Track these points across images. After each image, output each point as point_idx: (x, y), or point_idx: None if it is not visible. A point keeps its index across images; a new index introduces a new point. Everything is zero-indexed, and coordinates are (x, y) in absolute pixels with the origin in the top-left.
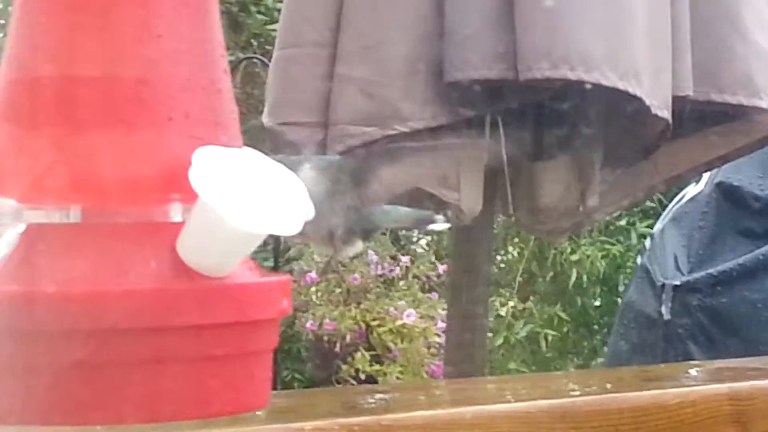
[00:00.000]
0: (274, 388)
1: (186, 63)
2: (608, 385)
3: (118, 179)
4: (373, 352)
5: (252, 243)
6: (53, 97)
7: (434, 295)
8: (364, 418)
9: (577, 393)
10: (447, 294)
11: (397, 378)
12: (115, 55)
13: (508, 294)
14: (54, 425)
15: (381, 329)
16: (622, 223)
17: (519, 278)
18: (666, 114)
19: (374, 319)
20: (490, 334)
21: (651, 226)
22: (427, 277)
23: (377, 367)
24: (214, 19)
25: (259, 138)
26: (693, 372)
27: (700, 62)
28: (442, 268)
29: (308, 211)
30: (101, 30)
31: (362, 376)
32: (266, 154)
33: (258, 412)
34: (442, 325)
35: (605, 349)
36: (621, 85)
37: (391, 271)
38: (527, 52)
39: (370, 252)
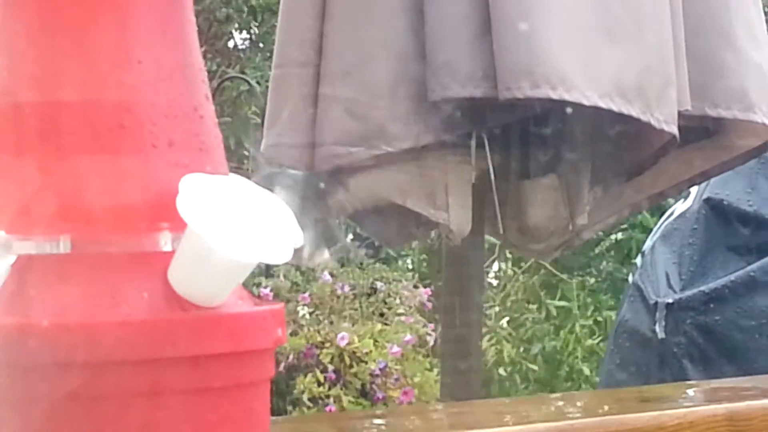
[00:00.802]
0: None
1: (167, 89)
2: (606, 407)
3: (106, 208)
4: (323, 374)
5: (243, 272)
6: (36, 124)
7: (409, 319)
8: None
9: (577, 415)
10: (440, 316)
11: (350, 402)
12: (95, 82)
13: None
14: None
15: (324, 351)
16: None
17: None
18: (673, 129)
19: (322, 342)
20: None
21: None
22: (403, 299)
23: (323, 389)
24: (194, 44)
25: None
26: (690, 392)
27: (692, 77)
28: (425, 291)
29: (297, 238)
30: (79, 56)
31: (306, 400)
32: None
33: None
34: (397, 350)
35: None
36: (602, 104)
37: (353, 290)
38: (507, 71)
39: (325, 272)
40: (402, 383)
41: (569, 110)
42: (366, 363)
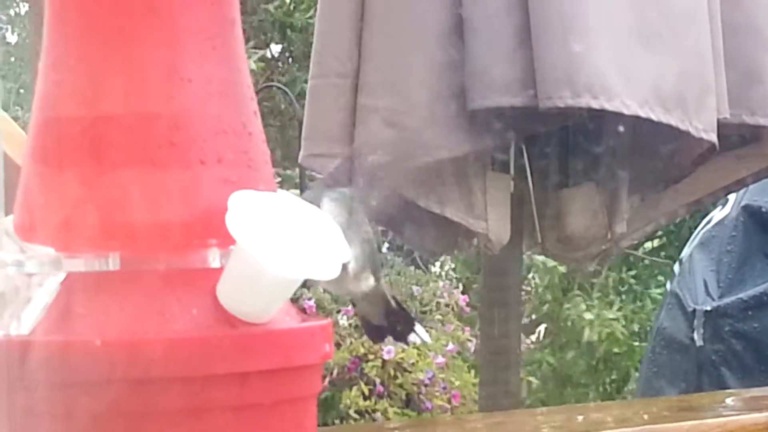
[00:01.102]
0: None
1: (216, 106)
2: (645, 416)
3: (155, 225)
4: (368, 387)
5: (291, 288)
6: (86, 140)
7: (449, 328)
8: None
9: (615, 425)
10: (479, 326)
11: (395, 414)
12: (145, 100)
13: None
14: None
15: (369, 363)
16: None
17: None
18: (712, 137)
19: (365, 354)
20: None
21: None
22: (449, 306)
23: (370, 402)
24: (242, 61)
25: None
26: (729, 401)
27: (730, 84)
28: (463, 298)
29: (344, 254)
30: (130, 74)
31: (352, 412)
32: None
33: None
34: (441, 360)
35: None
36: (642, 113)
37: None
38: (548, 80)
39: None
40: (448, 392)
41: (608, 118)
42: (411, 373)
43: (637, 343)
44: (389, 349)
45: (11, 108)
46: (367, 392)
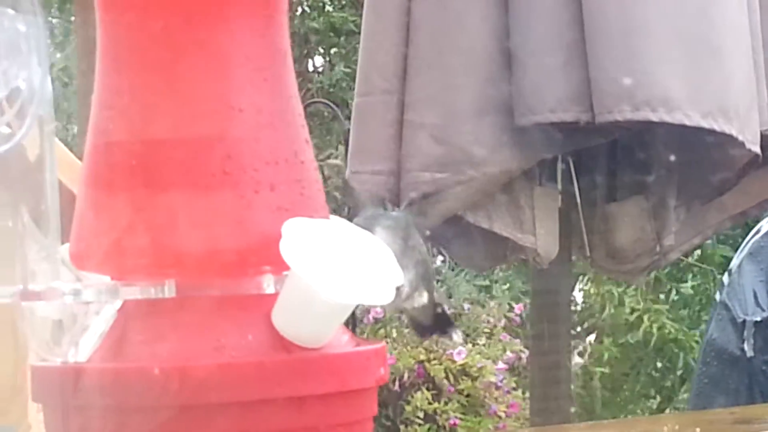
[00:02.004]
0: None
1: (268, 136)
2: (698, 429)
3: (210, 252)
4: (433, 391)
5: (345, 313)
6: (140, 170)
7: (505, 337)
8: None
9: None
10: (529, 339)
11: (459, 418)
12: (198, 131)
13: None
14: None
15: (437, 367)
16: None
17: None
18: (756, 149)
19: (432, 358)
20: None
21: None
22: (506, 317)
23: (435, 405)
24: (293, 90)
25: None
26: None
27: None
28: (518, 307)
29: (397, 278)
30: (183, 106)
31: (420, 415)
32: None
33: None
34: (502, 366)
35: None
36: (705, 124)
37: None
38: (606, 93)
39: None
40: (510, 397)
41: (655, 131)
42: (476, 379)
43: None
44: (460, 350)
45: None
46: (430, 397)
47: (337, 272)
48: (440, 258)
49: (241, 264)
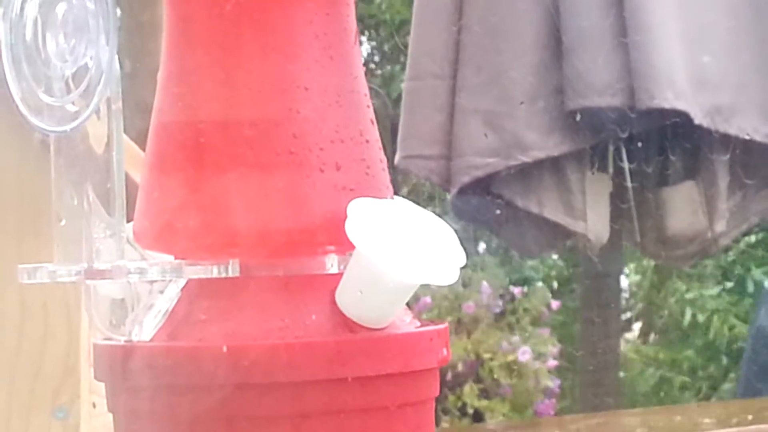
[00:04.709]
0: None
1: (334, 115)
2: (749, 417)
3: (274, 232)
4: (481, 386)
5: (409, 293)
6: (205, 149)
7: (545, 331)
8: None
9: (717, 426)
10: (578, 326)
11: (504, 416)
12: (264, 109)
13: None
14: None
15: (493, 363)
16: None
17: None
18: None
19: (486, 352)
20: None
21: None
22: (539, 311)
23: (485, 402)
24: (358, 70)
25: None
26: None
27: None
28: (555, 303)
29: (461, 259)
30: (249, 85)
31: (470, 411)
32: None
33: None
34: (553, 362)
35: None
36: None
37: (500, 303)
38: (650, 80)
39: (483, 282)
40: (558, 393)
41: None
42: (525, 374)
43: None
44: (524, 350)
45: None
46: (478, 392)
47: (403, 252)
48: (482, 245)
49: (306, 244)
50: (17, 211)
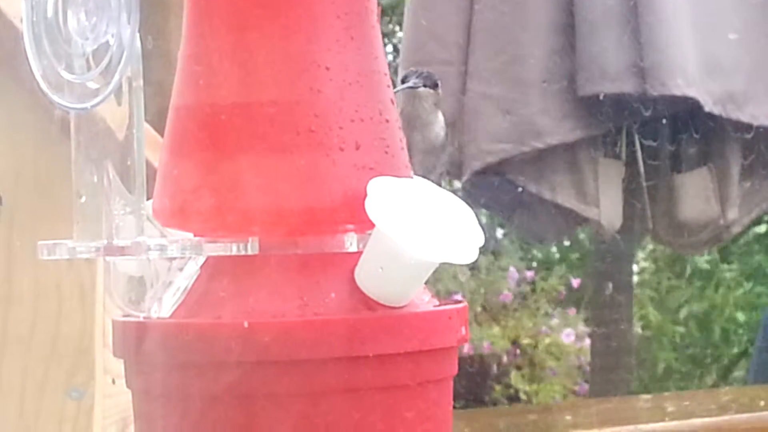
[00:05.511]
0: None
1: (354, 94)
2: (761, 402)
3: (294, 210)
4: (524, 371)
5: (428, 272)
6: (226, 128)
7: (572, 311)
8: None
9: (732, 411)
10: (589, 311)
11: (552, 398)
12: (285, 88)
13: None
14: None
15: (536, 348)
16: None
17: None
18: None
19: (527, 337)
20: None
21: None
22: (558, 291)
23: (534, 386)
24: (379, 49)
25: None
26: None
27: None
28: (576, 282)
29: (480, 238)
30: (270, 63)
31: (522, 396)
32: None
33: None
34: (587, 341)
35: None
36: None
37: (520, 285)
38: (660, 67)
39: (511, 268)
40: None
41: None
42: (560, 357)
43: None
44: (569, 332)
45: None
46: (525, 376)
47: (423, 230)
48: (501, 231)
49: (325, 222)
50: (32, 193)
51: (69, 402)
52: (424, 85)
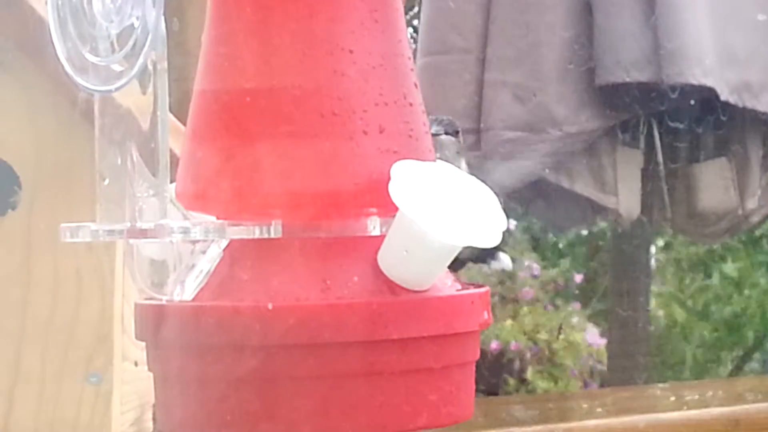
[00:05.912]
0: None
1: (377, 78)
2: None
3: (317, 193)
4: (544, 368)
5: (451, 255)
6: (250, 111)
7: (576, 305)
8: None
9: (750, 400)
10: (608, 301)
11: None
12: (309, 71)
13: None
14: None
15: (554, 345)
16: None
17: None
18: None
19: (545, 333)
20: None
21: None
22: (557, 283)
23: (553, 384)
24: (402, 33)
25: None
26: None
27: None
28: (579, 277)
29: (503, 222)
30: (294, 47)
31: (539, 392)
32: None
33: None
34: (602, 340)
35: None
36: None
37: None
38: (677, 56)
39: (534, 264)
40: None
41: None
42: (576, 353)
43: None
44: (593, 332)
45: None
46: (545, 374)
47: (446, 214)
48: (513, 222)
49: (349, 205)
50: (52, 178)
51: (87, 387)
52: (446, 133)
